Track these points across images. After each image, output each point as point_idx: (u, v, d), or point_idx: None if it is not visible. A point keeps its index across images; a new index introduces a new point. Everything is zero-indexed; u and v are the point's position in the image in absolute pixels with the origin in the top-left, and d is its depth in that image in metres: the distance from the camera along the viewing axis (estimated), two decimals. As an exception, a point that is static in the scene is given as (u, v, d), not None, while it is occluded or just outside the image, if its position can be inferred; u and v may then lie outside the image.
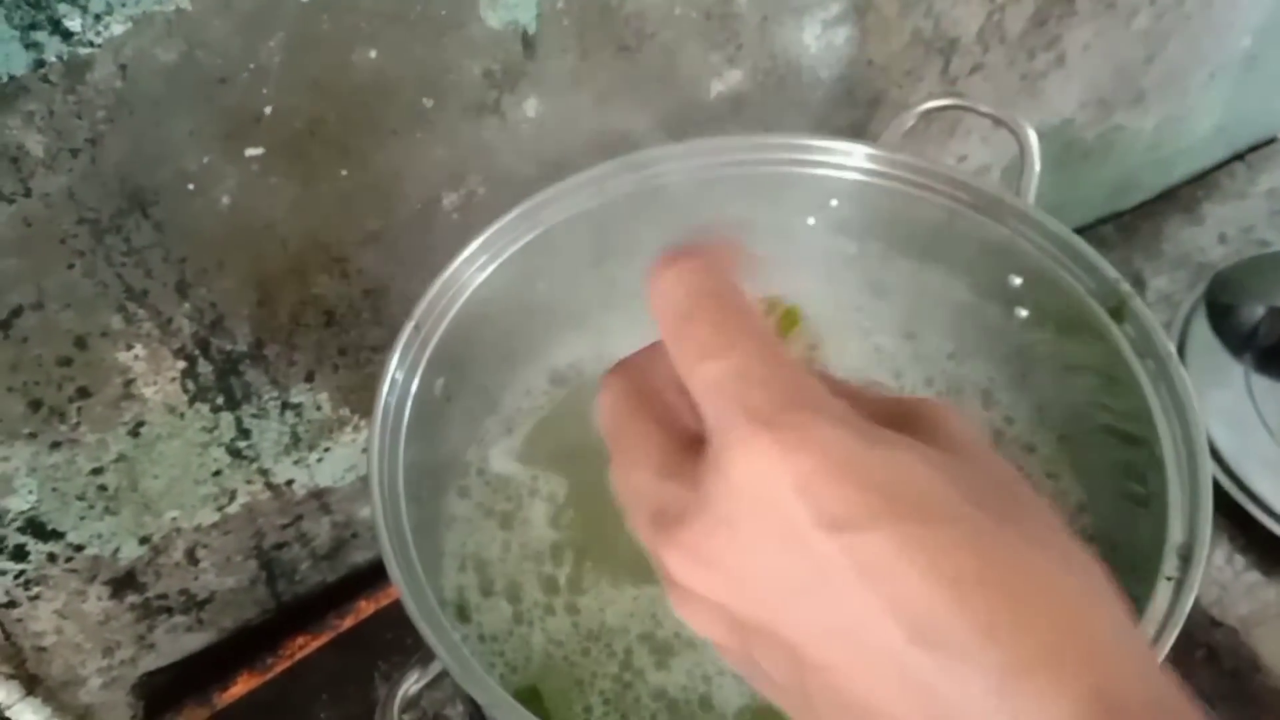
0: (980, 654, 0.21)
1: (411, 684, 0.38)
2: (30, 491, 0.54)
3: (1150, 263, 0.93)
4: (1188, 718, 0.23)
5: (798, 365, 0.24)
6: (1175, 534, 0.43)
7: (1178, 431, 0.45)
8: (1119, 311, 0.50)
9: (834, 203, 0.57)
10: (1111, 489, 0.46)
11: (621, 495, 0.27)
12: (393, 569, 0.40)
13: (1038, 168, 0.54)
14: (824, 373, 0.29)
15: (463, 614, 0.52)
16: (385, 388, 0.48)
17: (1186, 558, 0.42)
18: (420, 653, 0.39)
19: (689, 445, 0.25)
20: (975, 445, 0.25)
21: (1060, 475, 0.53)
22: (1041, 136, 0.79)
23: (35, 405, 0.51)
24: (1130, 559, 0.43)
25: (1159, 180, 0.99)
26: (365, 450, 0.65)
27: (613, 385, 0.28)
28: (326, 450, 0.64)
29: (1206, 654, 0.72)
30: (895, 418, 0.25)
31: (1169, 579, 0.42)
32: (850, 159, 0.56)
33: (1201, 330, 0.84)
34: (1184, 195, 1.00)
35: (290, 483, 0.65)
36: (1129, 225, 0.96)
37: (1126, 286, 0.49)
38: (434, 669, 0.39)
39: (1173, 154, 0.96)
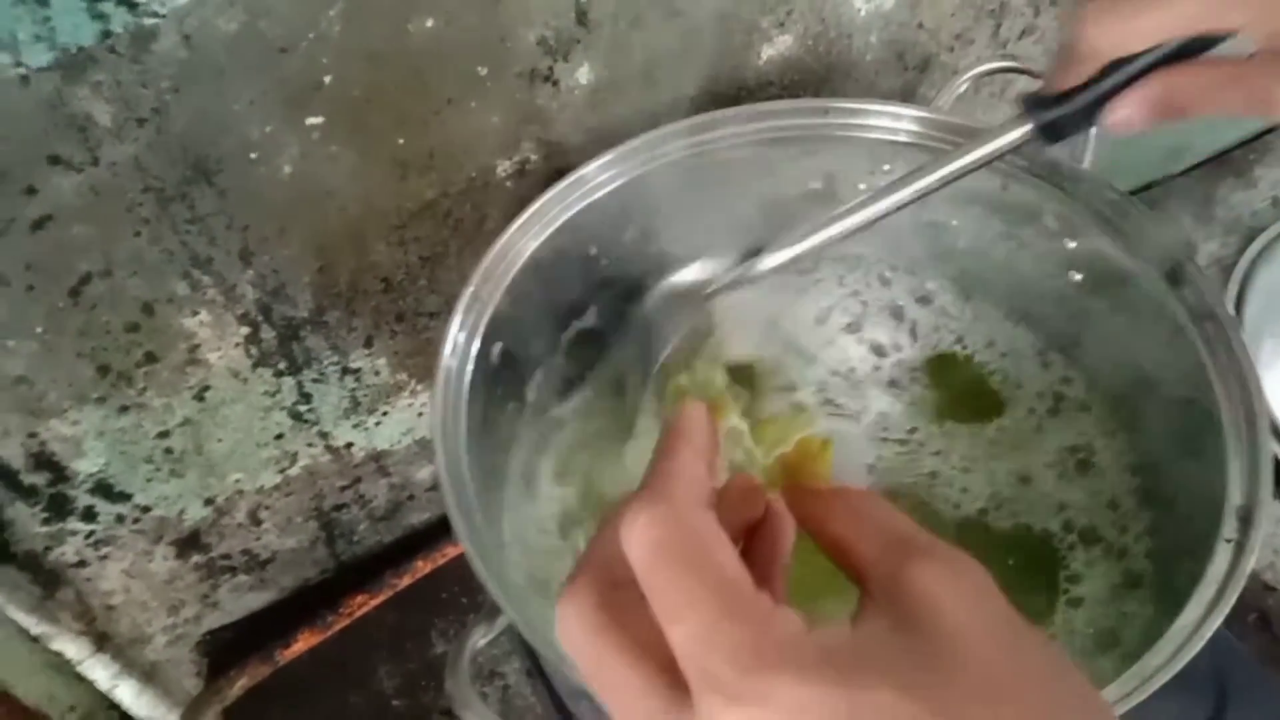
0: None
1: (479, 638, 0.39)
2: (99, 454, 0.56)
3: (1202, 226, 0.92)
4: None
5: (763, 603, 0.24)
6: (1234, 496, 0.43)
7: (1235, 394, 0.45)
8: (1175, 275, 0.49)
9: (887, 167, 0.57)
10: (1168, 450, 0.46)
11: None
12: (459, 526, 0.41)
13: (1094, 130, 0.54)
14: (846, 498, 0.29)
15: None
16: (447, 349, 0.49)
17: (1246, 520, 0.42)
18: (486, 609, 0.40)
19: (674, 686, 0.24)
20: (970, 625, 0.24)
21: (1116, 434, 0.53)
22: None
23: (104, 370, 0.52)
24: (1188, 520, 0.43)
25: (1210, 143, 0.97)
26: (424, 413, 0.67)
27: (572, 615, 0.26)
28: (385, 414, 0.66)
29: (1259, 619, 0.72)
30: (892, 587, 0.25)
31: (1228, 541, 0.42)
32: (902, 123, 0.55)
33: (1257, 292, 0.83)
34: (1236, 158, 0.98)
35: (349, 446, 0.66)
36: (1181, 189, 0.95)
37: (1183, 250, 0.49)
38: (500, 624, 0.40)
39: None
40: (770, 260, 0.49)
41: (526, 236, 0.53)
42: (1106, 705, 0.24)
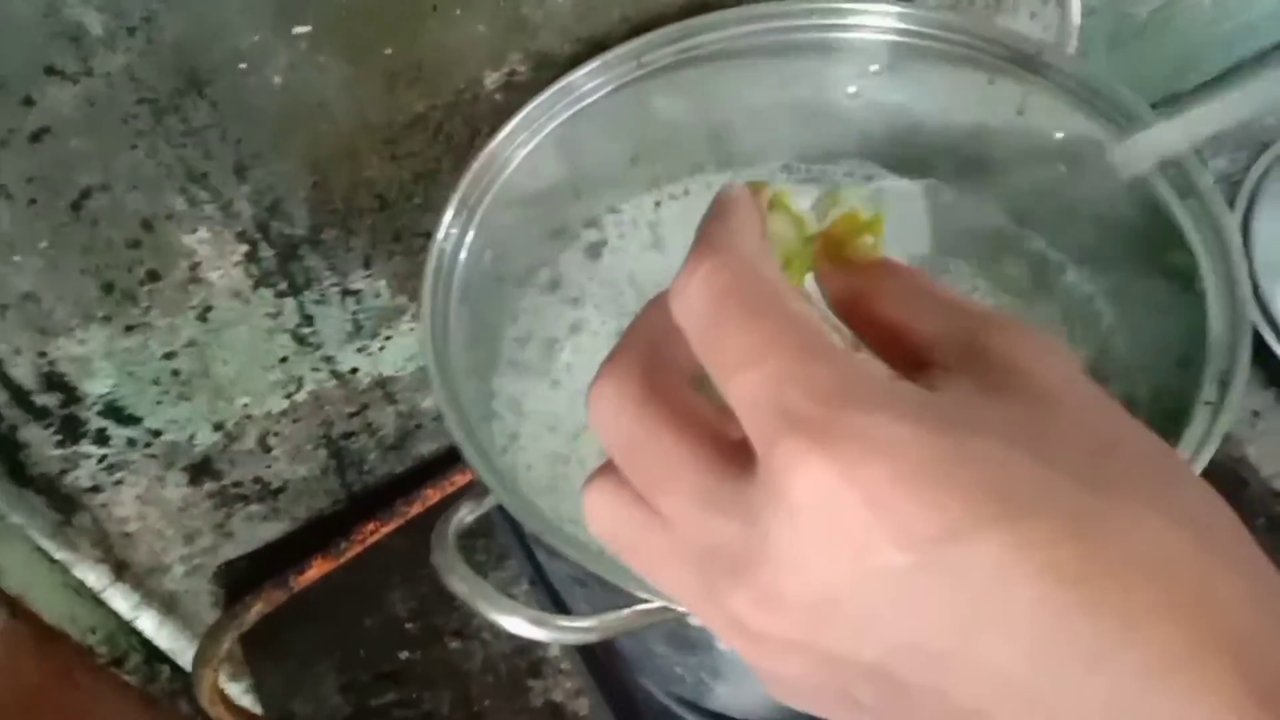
0: (1111, 662, 0.19)
1: (465, 514, 0.40)
2: (108, 375, 0.57)
3: (1210, 143, 0.91)
4: None
5: (847, 353, 0.21)
6: (1214, 360, 0.43)
7: (1218, 261, 0.45)
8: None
9: (874, 67, 0.57)
10: (1150, 318, 0.46)
11: (638, 529, 0.24)
12: (443, 405, 0.42)
13: (1077, 20, 0.54)
14: (898, 274, 0.26)
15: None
16: (433, 259, 0.50)
17: (1224, 383, 0.42)
18: (476, 488, 0.41)
19: (730, 460, 0.22)
20: (1059, 385, 0.22)
21: (1095, 298, 0.53)
22: (1091, 13, 0.78)
23: (108, 288, 0.53)
24: (1168, 384, 0.44)
25: (1220, 60, 0.96)
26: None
27: (612, 392, 0.23)
28: (388, 339, 0.67)
29: (1267, 524, 0.72)
30: (967, 355, 0.23)
31: (1207, 404, 0.42)
32: (889, 20, 0.56)
33: (1265, 206, 0.83)
34: (1245, 74, 0.97)
35: (355, 371, 0.67)
36: (1188, 104, 0.94)
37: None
38: (488, 503, 0.41)
39: (1234, 30, 0.93)
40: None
41: (514, 144, 0.53)
42: (1204, 482, 0.22)
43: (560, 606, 0.55)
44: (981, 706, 0.20)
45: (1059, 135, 0.54)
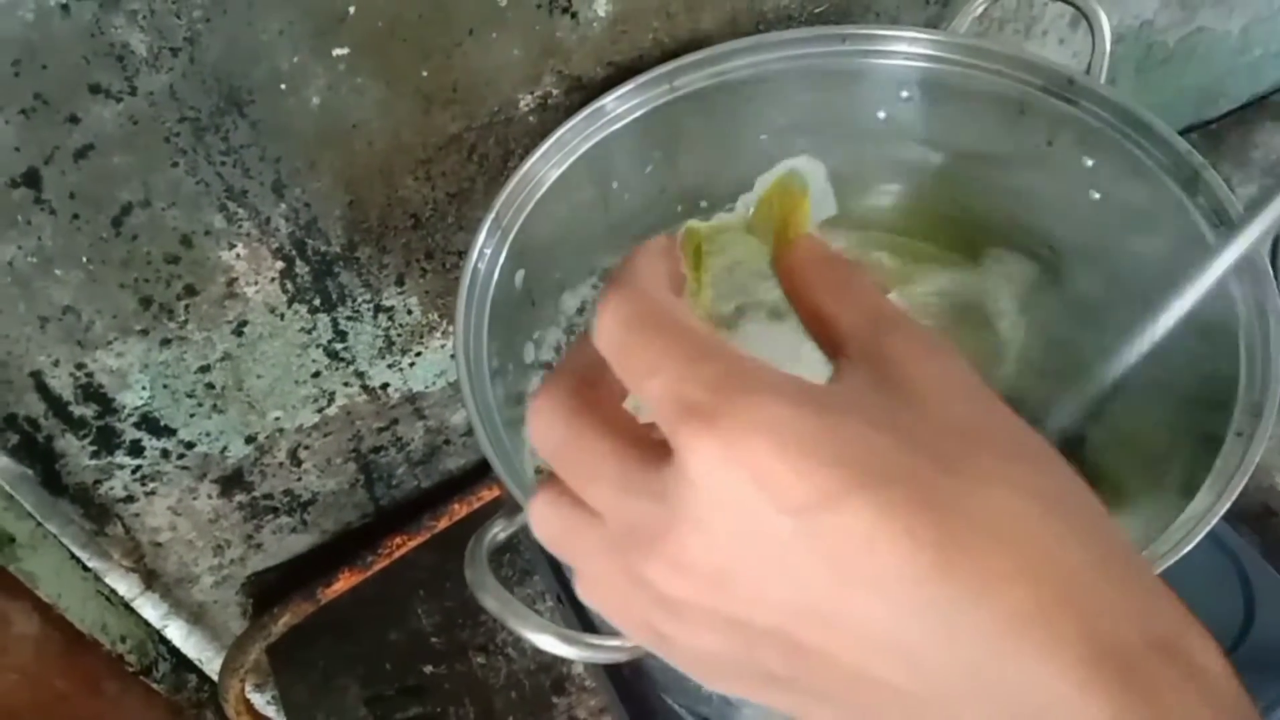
0: (967, 620, 0.21)
1: (498, 532, 0.40)
2: (144, 388, 0.58)
3: (1239, 170, 0.91)
4: (1200, 654, 0.22)
5: (732, 350, 0.24)
6: (1247, 390, 0.43)
7: (1249, 290, 0.45)
8: (1192, 184, 0.49)
9: (905, 94, 0.58)
10: (1181, 346, 0.46)
11: (572, 527, 0.27)
12: (476, 424, 0.42)
13: (1109, 47, 0.54)
14: (831, 266, 0.29)
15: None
16: (468, 277, 0.50)
17: (1256, 414, 0.42)
18: (507, 505, 0.42)
19: (651, 453, 0.25)
20: (934, 380, 0.25)
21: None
22: (1120, 40, 0.78)
23: (146, 302, 0.54)
24: (1201, 414, 0.44)
25: (1247, 87, 0.96)
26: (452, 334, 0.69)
27: (546, 406, 0.27)
28: (418, 355, 0.67)
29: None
30: (867, 351, 0.26)
31: (1238, 434, 0.42)
32: (919, 47, 0.56)
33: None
34: (1274, 102, 0.97)
35: (385, 386, 0.68)
36: (1217, 134, 0.94)
37: (1199, 158, 0.49)
38: (519, 520, 0.41)
39: (1261, 58, 0.94)
40: None
41: (548, 165, 0.54)
42: (1065, 463, 0.24)
43: (586, 625, 0.55)
44: (863, 667, 0.23)
45: (1090, 163, 0.54)
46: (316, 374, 0.64)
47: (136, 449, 0.61)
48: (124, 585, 0.67)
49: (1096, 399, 0.45)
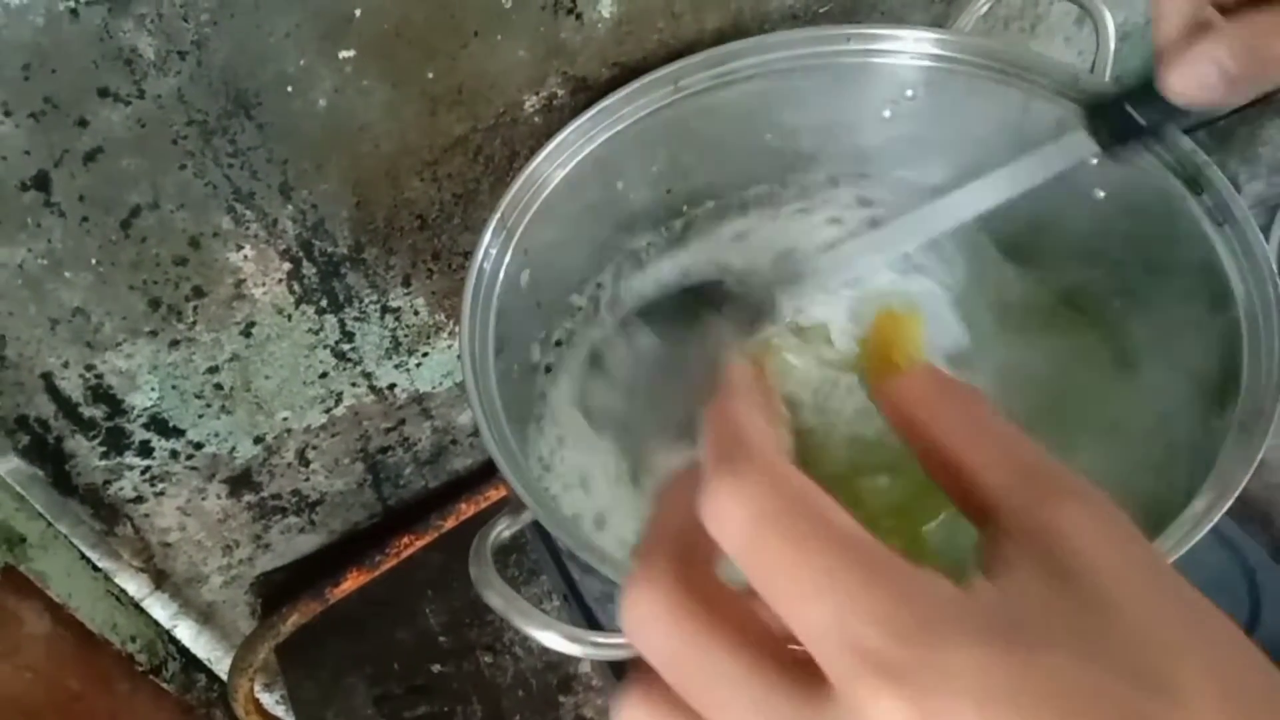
0: None
1: (502, 529, 0.41)
2: (153, 389, 0.58)
3: (1246, 167, 0.91)
4: None
5: (908, 575, 0.21)
6: (1250, 386, 0.43)
7: (1254, 294, 0.45)
8: (1195, 182, 0.49)
9: (909, 93, 0.58)
10: (1185, 343, 0.46)
11: None
12: (482, 424, 0.43)
13: (1113, 45, 0.54)
14: (955, 399, 0.25)
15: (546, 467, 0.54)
16: (473, 277, 0.51)
17: (1258, 409, 0.42)
18: (513, 503, 0.42)
19: (794, 679, 0.21)
20: (1123, 576, 0.21)
21: (1130, 323, 0.53)
22: (1126, 38, 0.78)
23: (155, 304, 0.55)
24: (1204, 409, 0.44)
25: (1254, 85, 0.96)
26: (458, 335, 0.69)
27: (647, 600, 0.22)
28: (425, 355, 0.68)
29: None
30: (1029, 527, 0.22)
31: (1242, 429, 0.42)
32: (924, 46, 0.56)
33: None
34: (1282, 99, 0.97)
35: (392, 387, 0.68)
36: (1224, 130, 0.94)
37: (1202, 156, 0.49)
38: (524, 518, 0.41)
39: (1269, 56, 0.93)
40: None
41: (553, 165, 0.54)
42: (1247, 641, 0.22)
43: (592, 623, 0.55)
44: None
45: (1094, 161, 0.54)
46: (324, 375, 0.64)
47: (146, 450, 0.61)
48: (134, 585, 0.68)
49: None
